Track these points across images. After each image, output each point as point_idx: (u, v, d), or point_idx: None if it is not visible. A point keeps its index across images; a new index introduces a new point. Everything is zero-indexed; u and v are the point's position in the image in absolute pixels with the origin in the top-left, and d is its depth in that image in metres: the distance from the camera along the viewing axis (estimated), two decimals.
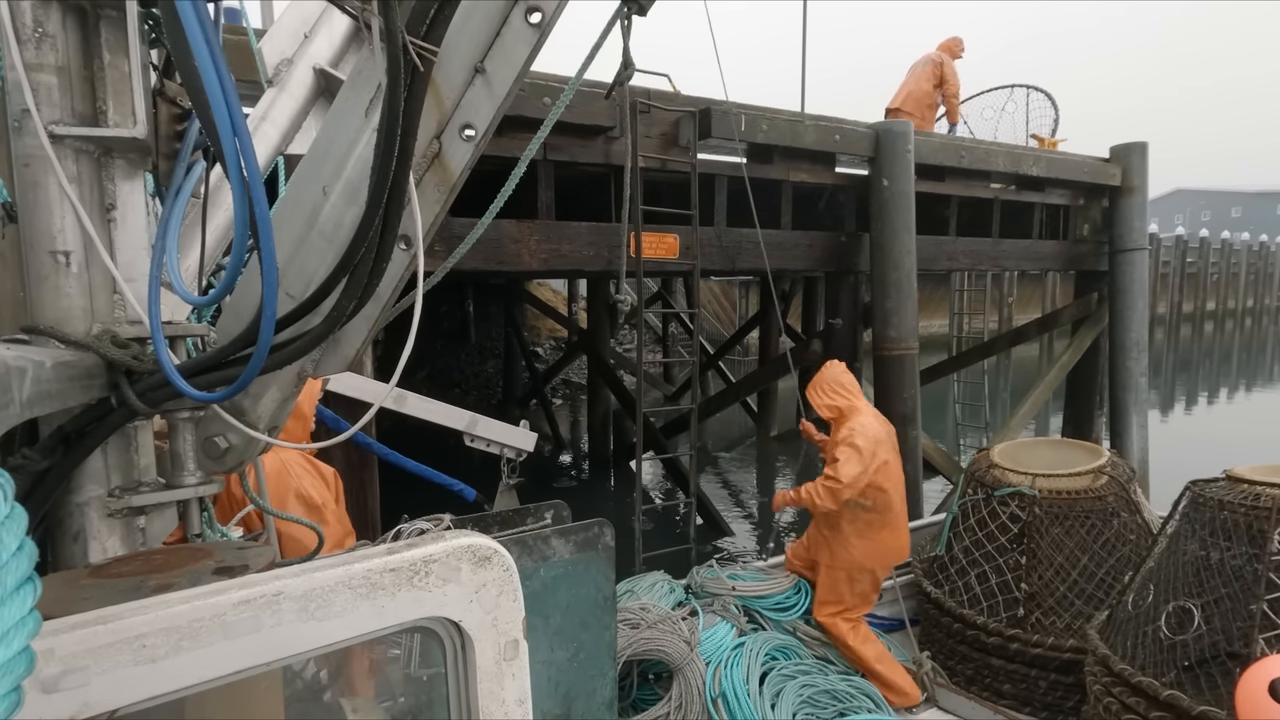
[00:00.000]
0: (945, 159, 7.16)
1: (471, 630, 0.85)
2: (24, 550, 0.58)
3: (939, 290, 19.31)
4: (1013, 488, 3.81)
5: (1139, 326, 8.45)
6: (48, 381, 0.96)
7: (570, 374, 17.70)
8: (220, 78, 0.91)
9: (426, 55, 1.04)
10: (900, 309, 6.57)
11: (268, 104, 1.62)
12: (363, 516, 3.80)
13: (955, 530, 4.11)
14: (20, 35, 1.04)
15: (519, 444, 3.70)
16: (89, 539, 1.15)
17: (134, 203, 1.18)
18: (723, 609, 3.56)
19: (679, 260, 5.57)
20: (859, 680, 3.29)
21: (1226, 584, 2.78)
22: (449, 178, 1.20)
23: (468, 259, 5.36)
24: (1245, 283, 37.43)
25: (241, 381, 1.09)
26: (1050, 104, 9.93)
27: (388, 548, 0.83)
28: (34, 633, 0.58)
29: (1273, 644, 2.56)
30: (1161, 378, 21.84)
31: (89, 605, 0.72)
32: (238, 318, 1.17)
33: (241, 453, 1.25)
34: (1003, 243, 8.28)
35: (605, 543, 2.03)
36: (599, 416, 12.11)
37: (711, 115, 5.48)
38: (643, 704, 3.11)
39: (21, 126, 1.06)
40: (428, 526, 1.94)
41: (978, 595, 3.81)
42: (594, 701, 2.08)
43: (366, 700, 1.15)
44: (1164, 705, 2.74)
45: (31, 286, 1.12)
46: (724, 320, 22.86)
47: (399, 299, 1.31)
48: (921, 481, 6.80)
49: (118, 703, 0.67)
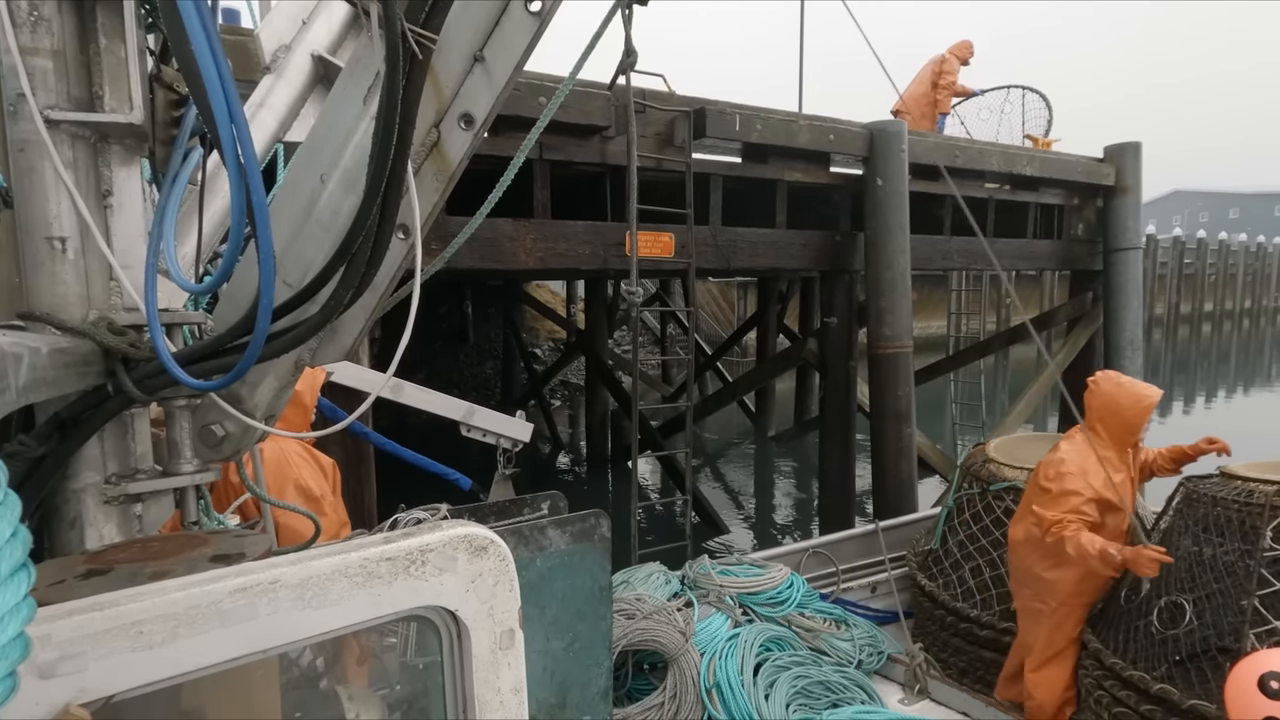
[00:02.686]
0: (940, 159, 7.18)
1: (468, 619, 0.86)
2: (18, 537, 0.58)
3: (937, 292, 19.36)
4: (1007, 482, 3.83)
5: (1134, 326, 8.50)
6: (44, 368, 0.95)
7: (569, 375, 17.72)
8: (217, 63, 0.90)
9: (425, 43, 1.04)
10: (895, 308, 6.59)
11: (265, 91, 1.61)
12: (359, 506, 3.80)
13: (950, 524, 4.13)
14: (15, 19, 1.03)
15: (515, 434, 3.70)
16: (85, 526, 1.15)
17: (130, 189, 1.18)
18: (717, 600, 3.57)
19: (674, 259, 5.58)
20: (852, 672, 3.31)
21: (1219, 579, 2.80)
22: (447, 167, 1.20)
23: (465, 257, 5.34)
24: (1243, 284, 37.55)
25: (238, 370, 1.08)
26: (1044, 104, 9.97)
27: (384, 537, 0.83)
28: (28, 619, 0.58)
29: (1263, 639, 2.58)
30: (1159, 378, 21.93)
31: (85, 592, 0.71)
32: (235, 306, 1.16)
33: (238, 441, 1.25)
34: (997, 242, 8.31)
35: (601, 533, 2.03)
36: (597, 417, 12.12)
37: (706, 115, 5.48)
38: (638, 694, 3.12)
39: (17, 111, 1.06)
40: (424, 516, 1.94)
41: (971, 589, 3.83)
42: (589, 691, 2.08)
43: (363, 688, 1.15)
44: (1155, 699, 2.76)
45: (27, 272, 1.11)
46: (722, 321, 22.88)
47: (396, 289, 1.30)
48: (916, 480, 6.83)
49: (114, 688, 0.67)
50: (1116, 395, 3.25)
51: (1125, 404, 3.21)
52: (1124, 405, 3.21)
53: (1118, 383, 3.30)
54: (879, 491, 6.86)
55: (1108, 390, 3.28)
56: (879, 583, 4.52)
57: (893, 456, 6.71)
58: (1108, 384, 3.31)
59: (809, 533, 8.82)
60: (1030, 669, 3.33)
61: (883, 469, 6.78)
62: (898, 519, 5.07)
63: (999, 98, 10.24)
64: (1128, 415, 3.22)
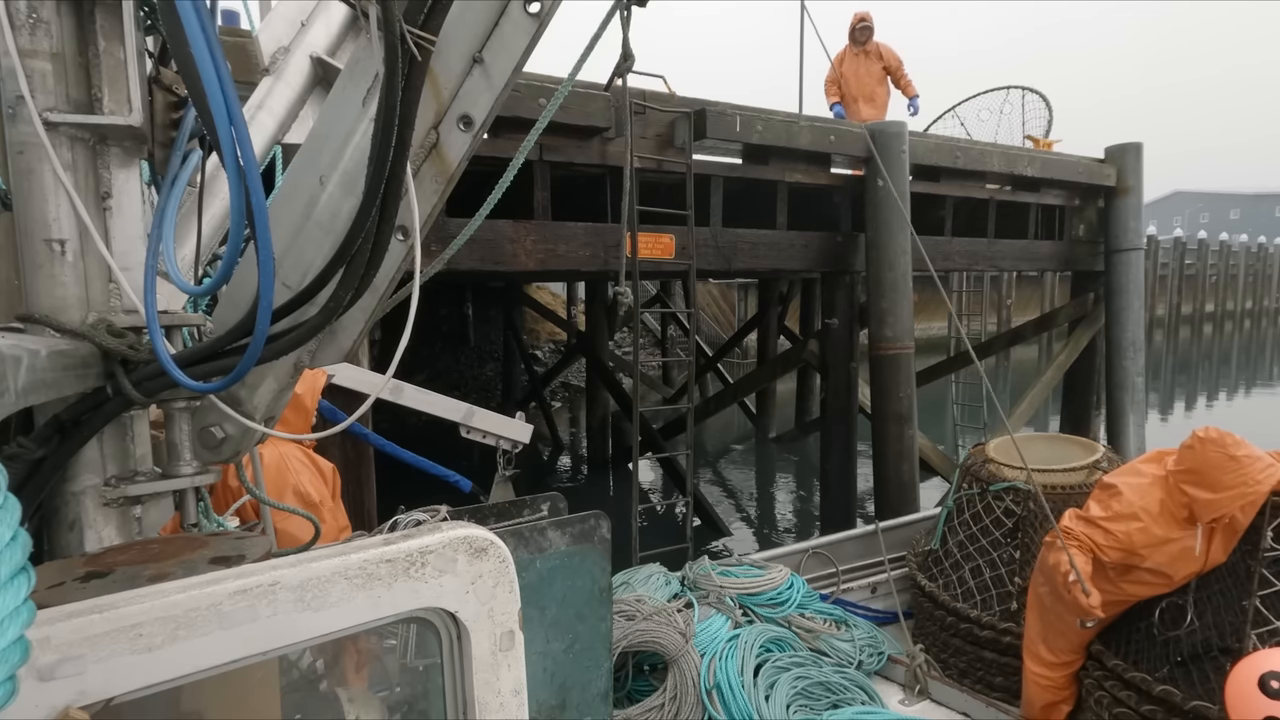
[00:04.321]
0: (940, 159, 7.18)
1: (467, 621, 0.86)
2: (18, 540, 0.58)
3: (938, 293, 19.31)
4: (1008, 483, 3.83)
5: (1135, 326, 8.49)
6: (43, 370, 0.95)
7: (569, 376, 17.71)
8: (216, 65, 0.90)
9: (424, 44, 1.04)
10: (896, 308, 6.58)
11: (264, 92, 1.61)
12: (359, 509, 3.80)
13: (950, 524, 4.12)
14: (14, 21, 1.03)
15: (515, 435, 3.70)
16: (85, 528, 1.15)
17: (129, 191, 1.18)
18: (718, 601, 3.57)
19: (675, 260, 5.58)
20: (852, 673, 3.31)
21: (1219, 580, 2.79)
22: (447, 168, 1.20)
23: (465, 258, 5.33)
24: (1244, 284, 37.54)
25: (238, 372, 1.08)
26: (1045, 105, 9.97)
27: (384, 538, 0.83)
28: (28, 622, 0.58)
29: (1265, 639, 2.58)
30: (1160, 379, 21.94)
31: (85, 594, 0.71)
32: (234, 307, 1.16)
33: (238, 443, 1.24)
34: (998, 243, 8.31)
35: (601, 535, 2.03)
36: (597, 418, 12.13)
37: (706, 116, 5.49)
38: (638, 695, 3.11)
39: (16, 113, 1.06)
40: (424, 518, 1.94)
41: (971, 589, 3.82)
42: (589, 692, 2.08)
43: (363, 690, 1.15)
44: (1156, 700, 2.75)
45: (27, 275, 1.11)
46: (723, 323, 22.88)
47: (396, 290, 1.30)
48: (917, 481, 6.82)
49: (113, 691, 0.67)
50: (1222, 469, 2.53)
51: (1228, 482, 2.54)
52: (1225, 483, 2.54)
53: (1231, 455, 2.55)
54: (880, 493, 6.86)
55: (1214, 460, 2.57)
56: (879, 583, 4.52)
57: (894, 458, 6.71)
58: (1217, 452, 2.57)
59: (810, 535, 8.81)
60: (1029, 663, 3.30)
61: (884, 470, 6.78)
62: (897, 519, 5.07)
63: (998, 98, 10.24)
64: (1224, 497, 2.55)
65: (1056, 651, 3.15)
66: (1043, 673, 3.18)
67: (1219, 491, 2.58)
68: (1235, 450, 2.58)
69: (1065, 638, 3.12)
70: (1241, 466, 2.56)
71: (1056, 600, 3.02)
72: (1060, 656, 3.15)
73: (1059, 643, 3.14)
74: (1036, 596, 3.20)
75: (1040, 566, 3.16)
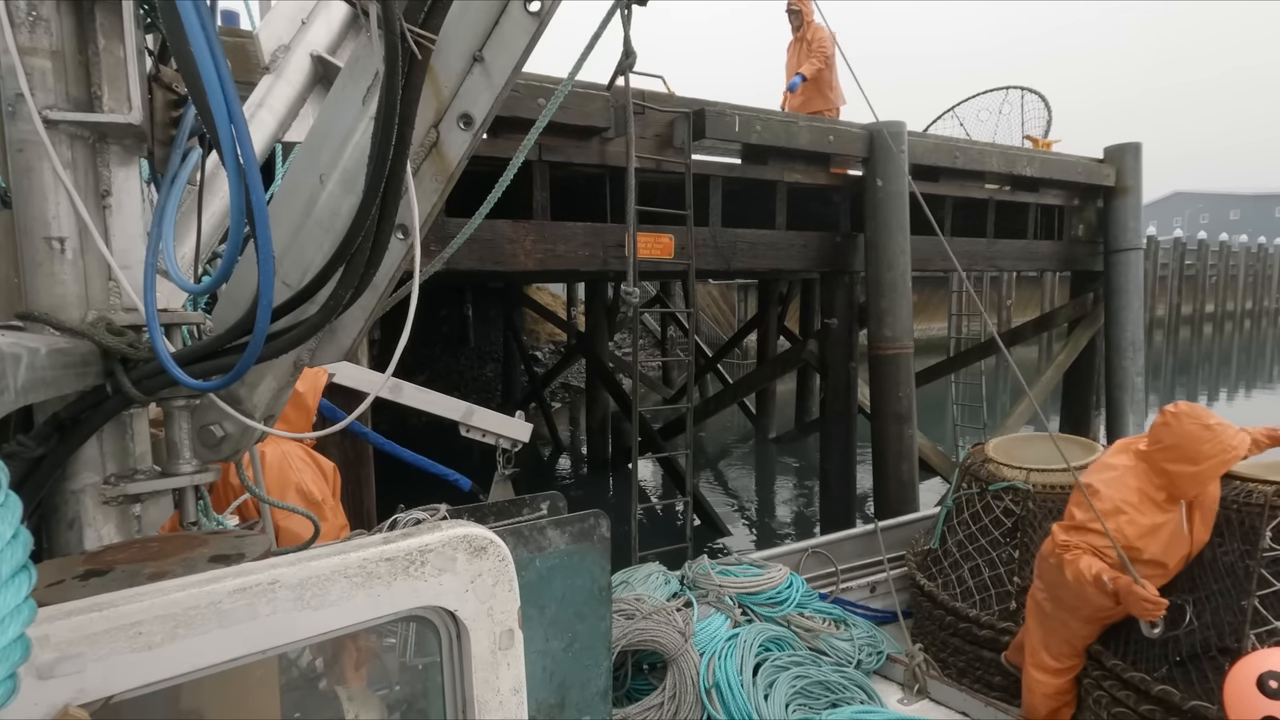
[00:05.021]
0: (940, 159, 7.18)
1: (467, 620, 0.86)
2: (19, 539, 0.58)
3: (938, 294, 19.35)
4: (1007, 482, 3.83)
5: (1134, 326, 8.50)
6: (42, 368, 0.95)
7: (569, 377, 17.72)
8: (216, 64, 0.90)
9: (424, 43, 1.04)
10: (895, 308, 6.59)
11: (264, 91, 1.61)
12: (359, 507, 3.80)
13: (949, 524, 4.12)
14: (14, 19, 1.03)
15: (514, 434, 3.70)
16: (84, 526, 1.15)
17: (129, 189, 1.18)
18: (717, 600, 3.57)
19: (674, 260, 5.58)
20: (852, 672, 3.31)
21: (1218, 580, 2.79)
22: (447, 167, 1.20)
23: (464, 258, 5.34)
24: (1244, 285, 37.58)
25: (238, 370, 1.08)
26: (1044, 105, 9.97)
27: (384, 537, 0.83)
28: (29, 620, 0.58)
29: (1264, 639, 2.58)
30: (1160, 380, 21.95)
31: (84, 592, 0.71)
32: (234, 306, 1.16)
33: (237, 441, 1.24)
34: (998, 243, 8.31)
35: (601, 534, 2.04)
36: (597, 419, 12.12)
37: (706, 116, 5.49)
38: (637, 694, 3.11)
39: (15, 111, 1.06)
40: (424, 516, 1.94)
41: (970, 589, 3.83)
42: (589, 691, 2.08)
43: (362, 689, 1.15)
44: (1155, 700, 2.76)
45: (26, 273, 1.11)
46: (723, 324, 22.89)
47: (395, 289, 1.30)
48: (917, 481, 6.82)
49: (113, 689, 0.67)
50: (1199, 440, 2.60)
51: (1207, 452, 2.60)
52: (1205, 453, 2.60)
53: (1205, 425, 2.64)
54: (880, 493, 6.86)
55: (1191, 432, 2.64)
56: (878, 583, 4.52)
57: (893, 458, 6.71)
58: (1192, 424, 2.65)
59: (810, 534, 8.82)
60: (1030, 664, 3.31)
61: (883, 470, 6.78)
62: (897, 519, 5.07)
63: (997, 99, 10.24)
64: (1205, 468, 2.62)
65: (1059, 657, 3.17)
66: (1046, 679, 3.20)
67: (1200, 463, 2.64)
68: (1208, 419, 2.68)
69: (1068, 643, 3.15)
70: (1217, 435, 2.64)
71: (1058, 606, 3.06)
72: (1063, 661, 3.17)
73: (1061, 648, 3.16)
74: (1036, 603, 3.22)
75: (1041, 574, 3.18)
